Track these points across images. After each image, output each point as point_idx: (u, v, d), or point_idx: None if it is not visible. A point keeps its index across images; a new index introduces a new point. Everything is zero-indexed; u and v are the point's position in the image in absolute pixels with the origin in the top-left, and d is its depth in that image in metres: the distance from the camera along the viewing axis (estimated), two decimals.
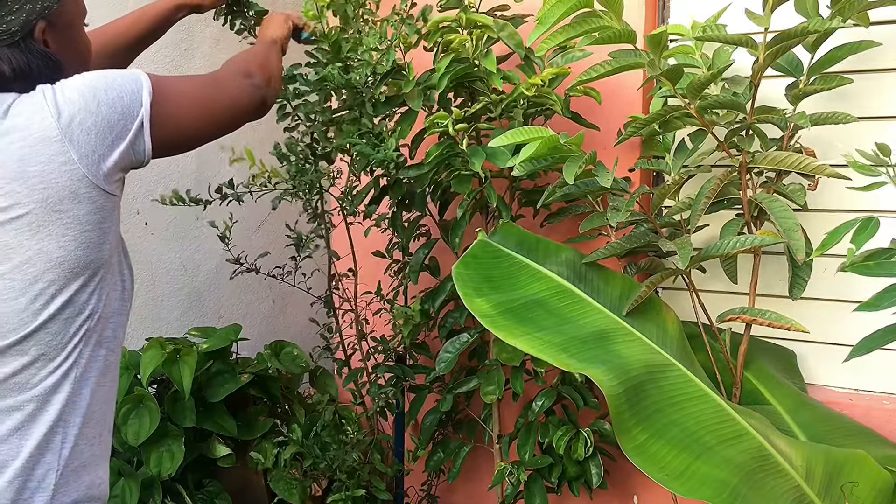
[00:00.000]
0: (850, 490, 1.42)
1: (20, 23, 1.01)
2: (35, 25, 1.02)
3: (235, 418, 2.14)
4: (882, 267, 1.29)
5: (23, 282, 0.96)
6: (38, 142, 0.96)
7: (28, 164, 0.95)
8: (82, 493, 1.04)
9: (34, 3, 1.02)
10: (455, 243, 2.05)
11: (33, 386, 0.99)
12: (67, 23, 1.08)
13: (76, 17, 1.11)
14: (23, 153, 0.95)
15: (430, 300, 2.17)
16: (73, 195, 0.97)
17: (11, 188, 0.95)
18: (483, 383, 2.06)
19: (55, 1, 1.04)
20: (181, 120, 1.11)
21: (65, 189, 0.96)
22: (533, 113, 1.96)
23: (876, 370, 1.91)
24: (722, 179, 1.66)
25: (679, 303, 1.95)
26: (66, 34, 1.08)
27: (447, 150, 1.89)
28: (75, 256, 0.98)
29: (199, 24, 2.36)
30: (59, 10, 1.05)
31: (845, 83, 1.69)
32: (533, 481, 2.07)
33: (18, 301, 0.96)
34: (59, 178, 0.96)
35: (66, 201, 0.96)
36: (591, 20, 1.52)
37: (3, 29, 1.00)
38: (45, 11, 1.03)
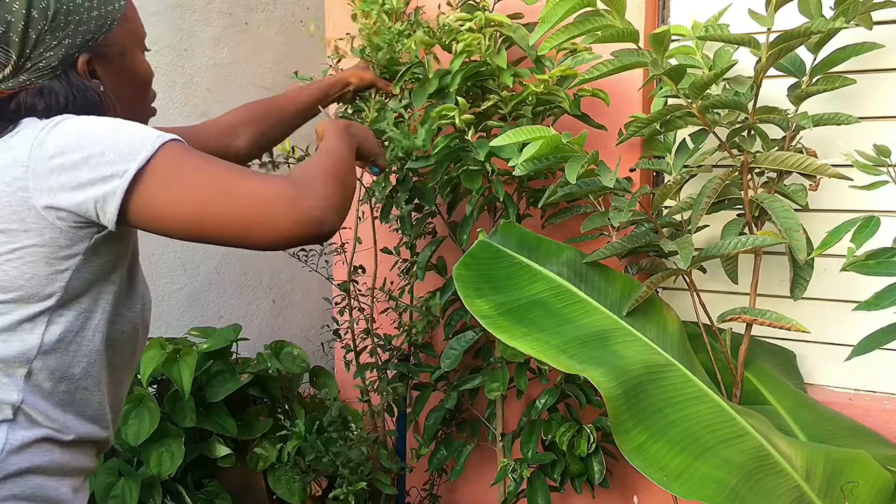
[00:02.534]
0: (850, 490, 1.42)
1: (59, 57, 1.00)
2: (77, 58, 1.01)
3: (235, 418, 2.13)
4: (883, 266, 1.29)
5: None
6: (13, 163, 0.95)
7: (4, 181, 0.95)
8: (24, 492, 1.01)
9: (74, 36, 1.00)
10: (462, 241, 2.06)
11: None
12: (118, 52, 1.06)
13: (131, 46, 1.09)
14: (5, 171, 0.95)
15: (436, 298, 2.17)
16: (21, 221, 0.94)
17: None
18: (487, 380, 2.07)
19: (101, 32, 1.03)
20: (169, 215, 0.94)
21: (16, 213, 0.94)
22: (542, 112, 1.97)
23: (876, 370, 1.91)
24: (723, 179, 1.66)
25: (680, 303, 1.95)
26: (118, 63, 1.07)
27: (455, 142, 1.90)
28: (20, 284, 0.96)
29: (199, 24, 2.36)
30: (107, 41, 1.04)
31: (848, 84, 1.69)
32: (536, 478, 2.08)
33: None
34: (12, 200, 0.94)
35: (13, 225, 0.94)
36: (594, 19, 1.52)
37: (43, 65, 0.99)
38: (89, 43, 1.02)
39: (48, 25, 0.98)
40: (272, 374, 2.29)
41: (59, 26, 0.99)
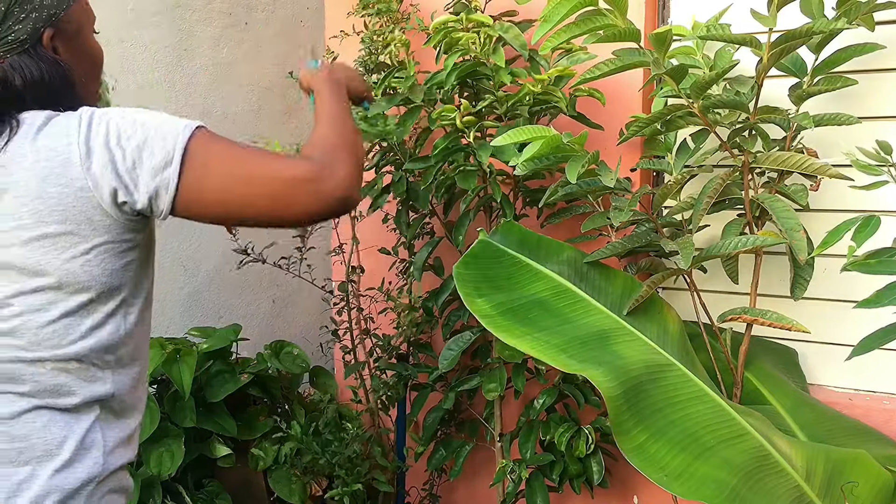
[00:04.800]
0: (851, 490, 1.42)
1: (28, 31, 1.01)
2: (43, 33, 1.02)
3: (235, 418, 2.13)
4: (884, 265, 1.29)
5: (54, 298, 0.97)
6: (60, 164, 0.95)
7: (49, 184, 0.95)
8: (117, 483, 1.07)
9: (40, 10, 1.02)
10: (459, 241, 2.06)
11: (74, 392, 1.00)
12: (76, 29, 1.08)
13: (85, 24, 1.10)
14: (46, 172, 0.95)
15: (433, 299, 2.17)
16: (89, 221, 0.96)
17: (35, 206, 0.95)
18: (485, 381, 2.07)
19: (62, 8, 1.04)
20: (211, 199, 1.00)
21: (81, 214, 0.96)
22: (538, 111, 1.97)
23: (876, 370, 1.91)
24: (724, 179, 1.66)
25: (680, 302, 1.95)
26: (76, 41, 1.08)
27: (453, 143, 1.90)
28: (103, 280, 0.99)
29: (199, 24, 2.36)
30: (67, 17, 1.05)
31: (850, 84, 1.69)
32: (534, 479, 2.08)
33: (50, 314, 0.97)
34: (74, 202, 0.95)
35: (83, 226, 0.96)
36: (595, 18, 1.52)
37: (13, 38, 1.00)
38: (53, 18, 1.03)
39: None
40: (272, 374, 2.29)
41: (25, 0, 1.01)
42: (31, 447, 0.98)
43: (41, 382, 0.98)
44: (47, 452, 0.98)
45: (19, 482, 0.97)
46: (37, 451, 0.98)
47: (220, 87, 2.44)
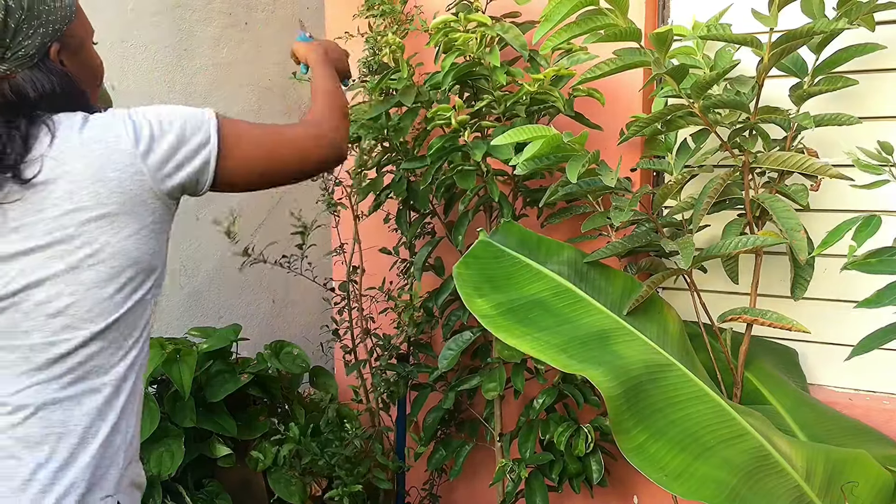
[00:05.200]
0: (851, 490, 1.42)
1: (36, 45, 1.07)
2: (50, 47, 1.09)
3: (235, 418, 2.13)
4: (884, 265, 1.29)
5: (108, 274, 1.05)
6: (114, 151, 1.06)
7: (107, 169, 1.05)
8: (136, 477, 1.15)
9: (46, 26, 1.08)
10: (458, 241, 2.06)
11: (107, 371, 1.08)
12: (79, 43, 1.15)
13: (86, 37, 1.18)
14: (102, 160, 1.05)
15: (433, 298, 2.18)
16: (143, 203, 1.07)
17: (95, 188, 1.04)
18: (485, 381, 2.07)
19: (65, 23, 1.11)
20: (248, 164, 1.19)
21: (137, 197, 1.06)
22: (536, 111, 1.97)
23: (876, 370, 1.91)
24: (724, 179, 1.66)
25: (680, 302, 1.95)
26: (79, 54, 1.15)
27: (450, 142, 1.90)
28: (147, 259, 1.09)
29: (199, 24, 2.36)
30: (70, 32, 1.12)
31: (850, 84, 1.69)
32: (534, 478, 2.08)
33: (105, 290, 1.05)
34: (131, 185, 1.06)
35: (134, 207, 1.06)
36: (596, 18, 1.52)
37: (23, 53, 1.06)
38: (57, 33, 1.10)
39: (24, 15, 1.05)
40: (272, 374, 2.29)
41: (33, 16, 1.07)
42: (69, 433, 1.04)
43: (83, 362, 1.05)
44: (83, 439, 1.05)
45: (56, 469, 1.03)
46: (73, 438, 1.04)
47: (220, 87, 2.44)
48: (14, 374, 1.03)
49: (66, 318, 1.03)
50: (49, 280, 1.02)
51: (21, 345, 1.03)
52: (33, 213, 1.02)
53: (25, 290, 1.02)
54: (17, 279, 1.02)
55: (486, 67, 1.89)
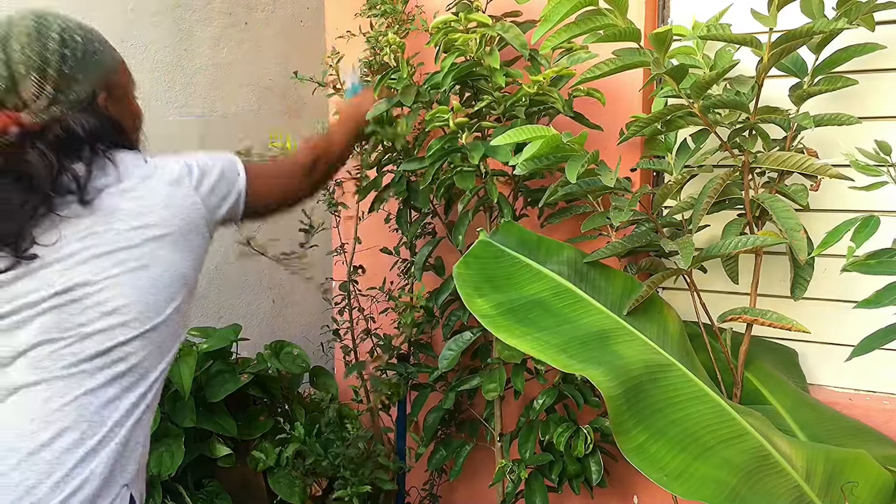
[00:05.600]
0: (851, 490, 1.42)
1: (87, 91, 1.20)
2: (98, 94, 1.23)
3: (235, 418, 2.13)
4: (883, 265, 1.29)
5: (162, 283, 1.19)
6: (175, 183, 1.24)
7: (172, 197, 1.23)
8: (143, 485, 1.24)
9: (98, 74, 1.22)
10: (458, 241, 2.06)
11: (145, 374, 1.18)
12: (123, 93, 1.30)
13: (129, 88, 1.34)
14: (167, 190, 1.23)
15: (433, 298, 2.17)
16: (197, 228, 1.25)
17: (161, 213, 1.20)
18: (485, 381, 2.07)
19: (112, 73, 1.26)
20: (263, 199, 1.43)
21: (193, 223, 1.24)
22: (536, 112, 1.97)
23: (876, 370, 1.91)
24: (724, 179, 1.66)
25: (680, 302, 1.95)
26: (123, 102, 1.30)
27: (449, 144, 1.90)
28: (193, 275, 1.26)
29: (199, 24, 2.36)
30: (116, 82, 1.28)
31: (850, 84, 1.69)
32: (533, 479, 2.08)
33: (158, 296, 1.18)
34: (190, 213, 1.24)
35: (192, 232, 1.24)
36: (595, 18, 1.52)
37: (74, 98, 1.19)
38: (107, 82, 1.25)
39: (77, 63, 1.19)
40: (272, 374, 2.29)
41: (86, 65, 1.21)
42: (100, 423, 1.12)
43: (124, 359, 1.15)
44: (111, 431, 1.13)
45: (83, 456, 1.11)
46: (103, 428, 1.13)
47: (220, 87, 2.44)
48: (62, 364, 1.11)
49: (120, 317, 1.14)
50: (109, 281, 1.14)
51: (74, 335, 1.12)
52: (102, 226, 1.15)
53: (85, 287, 1.12)
54: (80, 278, 1.12)
55: (485, 68, 1.89)
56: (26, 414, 1.09)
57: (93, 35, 1.24)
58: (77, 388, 1.11)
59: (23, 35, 1.16)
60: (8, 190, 1.12)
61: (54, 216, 1.14)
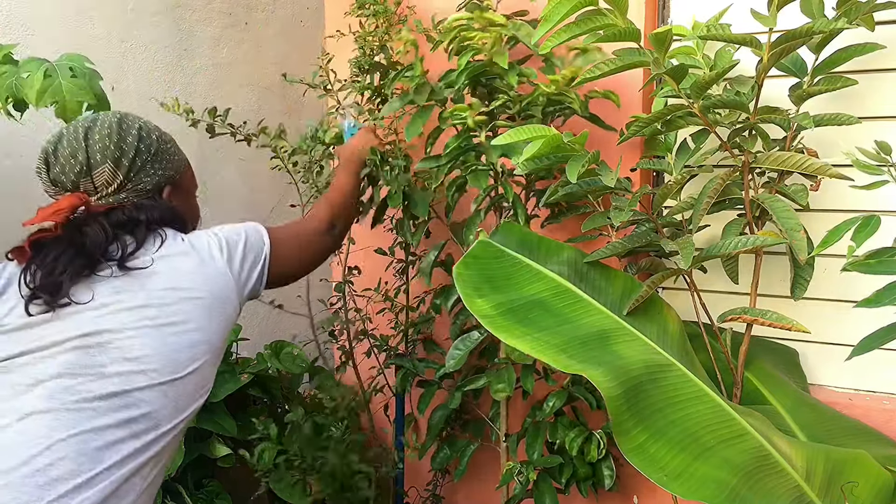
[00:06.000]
0: (851, 490, 1.42)
1: (154, 183, 1.34)
2: (164, 188, 1.36)
3: (235, 418, 2.13)
4: (884, 265, 1.29)
5: (187, 342, 1.24)
6: (209, 257, 1.32)
7: (206, 266, 1.30)
8: None
9: (166, 170, 1.36)
10: (468, 240, 2.04)
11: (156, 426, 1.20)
12: (186, 190, 1.44)
13: (192, 187, 1.47)
14: (202, 260, 1.31)
15: (443, 298, 2.17)
16: (227, 298, 1.32)
17: (193, 278, 1.28)
18: (493, 381, 2.06)
19: (179, 171, 1.40)
20: (287, 262, 1.50)
21: (223, 292, 1.31)
22: (552, 112, 1.96)
23: (876, 370, 1.91)
24: (724, 179, 1.66)
25: (680, 302, 1.95)
26: (185, 198, 1.43)
27: (465, 142, 1.89)
28: (219, 342, 1.30)
29: (199, 24, 2.36)
30: (181, 179, 1.41)
31: (850, 84, 1.69)
32: (542, 481, 2.07)
33: (181, 354, 1.23)
34: (221, 283, 1.31)
35: (221, 300, 1.30)
36: (595, 18, 1.52)
37: (141, 187, 1.32)
38: (172, 178, 1.38)
39: (150, 157, 1.33)
40: (272, 375, 2.29)
41: (157, 160, 1.34)
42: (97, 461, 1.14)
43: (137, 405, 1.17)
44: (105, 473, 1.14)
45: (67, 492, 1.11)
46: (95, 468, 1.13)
47: (220, 87, 2.44)
48: (75, 398, 1.15)
49: (140, 365, 1.18)
50: (135, 332, 1.19)
51: (94, 373, 1.16)
52: (138, 286, 1.23)
53: (112, 333, 1.18)
54: (109, 325, 1.18)
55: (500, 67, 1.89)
56: (30, 438, 1.11)
57: (166, 137, 1.39)
58: (84, 423, 1.13)
59: (105, 127, 1.29)
60: (59, 251, 1.21)
61: (93, 276, 1.22)
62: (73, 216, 1.24)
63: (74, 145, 1.27)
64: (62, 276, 1.19)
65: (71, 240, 1.23)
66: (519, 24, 1.90)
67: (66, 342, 1.17)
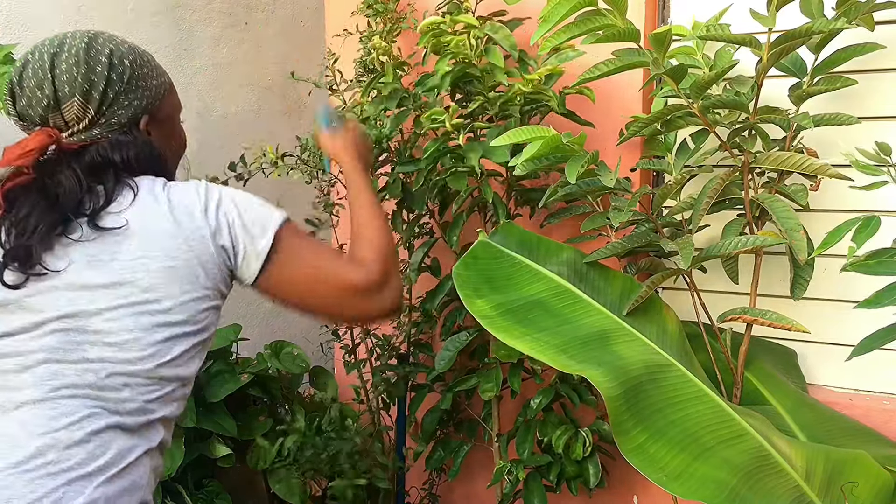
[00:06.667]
0: (850, 490, 1.42)
1: (129, 116, 1.18)
2: (140, 118, 1.20)
3: (235, 418, 2.13)
4: (884, 265, 1.29)
5: (164, 322, 1.12)
6: (186, 214, 1.14)
7: (178, 228, 1.13)
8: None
9: (141, 99, 1.20)
10: (453, 242, 2.06)
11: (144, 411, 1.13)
12: (167, 117, 1.27)
13: (174, 114, 1.30)
14: (179, 218, 1.13)
15: (430, 299, 2.17)
16: (203, 265, 1.14)
17: (164, 243, 1.12)
18: (482, 381, 2.07)
19: (157, 98, 1.23)
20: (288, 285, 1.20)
21: (199, 256, 1.13)
22: (529, 111, 1.97)
23: (876, 370, 1.91)
24: (724, 179, 1.66)
25: (680, 303, 1.95)
26: (166, 127, 1.27)
27: (444, 145, 1.90)
28: (200, 318, 1.15)
29: (199, 24, 2.36)
30: (161, 106, 1.24)
31: (850, 84, 1.69)
32: (532, 479, 2.07)
33: (157, 335, 1.12)
34: (196, 244, 1.13)
35: (198, 268, 1.13)
36: (595, 18, 1.52)
37: (115, 121, 1.17)
38: (149, 107, 1.21)
39: (123, 87, 1.17)
40: (272, 375, 2.29)
41: (131, 89, 1.18)
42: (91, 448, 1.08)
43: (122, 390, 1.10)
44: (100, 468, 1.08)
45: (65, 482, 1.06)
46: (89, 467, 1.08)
47: (220, 87, 2.44)
48: (65, 384, 1.09)
49: (122, 351, 1.10)
50: (112, 312, 1.10)
51: (77, 358, 1.10)
52: (109, 255, 1.11)
53: (90, 316, 1.10)
54: (84, 305, 1.10)
55: (478, 69, 1.89)
56: (30, 429, 1.08)
57: (143, 59, 1.22)
58: (81, 409, 1.09)
59: (72, 55, 1.15)
60: (31, 205, 1.11)
61: (64, 238, 1.12)
62: (43, 157, 1.14)
63: (40, 75, 1.14)
64: (33, 236, 1.10)
65: (43, 189, 1.12)
66: (496, 27, 1.90)
67: (45, 324, 1.10)
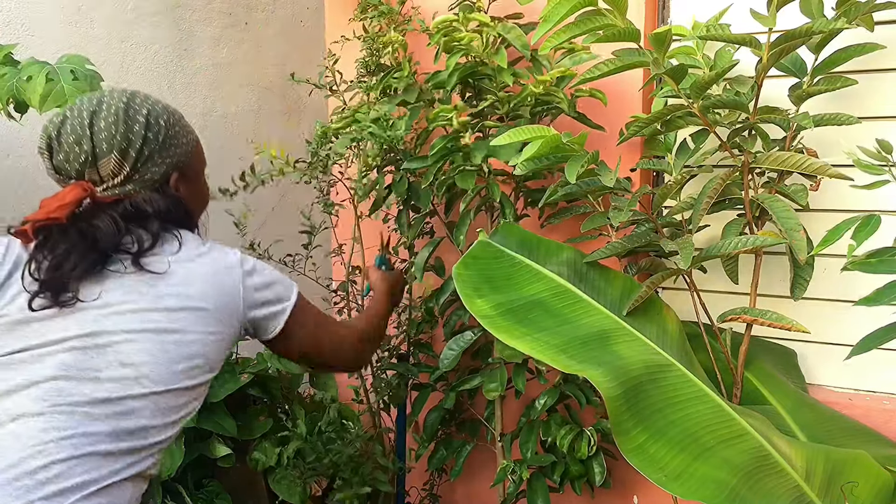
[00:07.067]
0: (850, 490, 1.42)
1: (161, 173, 1.26)
2: (171, 175, 1.28)
3: (235, 418, 2.13)
4: (884, 264, 1.29)
5: (184, 353, 1.20)
6: (225, 268, 1.27)
7: (218, 278, 1.25)
8: None
9: (173, 158, 1.28)
10: (460, 241, 2.06)
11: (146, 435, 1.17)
12: (195, 174, 1.35)
13: (201, 170, 1.39)
14: (217, 268, 1.26)
15: (434, 298, 2.17)
16: (231, 315, 1.26)
17: (204, 287, 1.23)
18: (485, 381, 2.07)
19: (187, 156, 1.31)
20: (304, 335, 1.39)
21: (230, 309, 1.25)
22: (540, 112, 1.97)
23: (876, 370, 1.91)
24: (724, 179, 1.66)
25: (680, 303, 1.95)
26: (194, 183, 1.35)
27: (451, 143, 1.90)
28: (215, 358, 1.25)
29: (199, 24, 2.36)
30: (189, 163, 1.32)
31: (850, 84, 1.69)
32: (535, 479, 2.08)
33: (176, 366, 1.19)
34: (231, 297, 1.26)
35: (227, 317, 1.25)
36: (595, 18, 1.52)
37: (148, 178, 1.25)
38: (179, 165, 1.29)
39: (158, 146, 1.25)
40: (272, 375, 2.29)
41: (164, 147, 1.26)
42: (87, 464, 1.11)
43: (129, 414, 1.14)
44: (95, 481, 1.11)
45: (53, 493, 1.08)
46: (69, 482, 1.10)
47: (220, 87, 2.44)
48: (69, 401, 1.12)
49: (135, 371, 1.15)
50: (137, 335, 1.16)
51: (88, 377, 1.13)
52: (147, 287, 1.19)
53: (111, 335, 1.15)
54: (110, 326, 1.15)
55: (490, 67, 1.89)
56: (22, 441, 1.09)
57: (174, 118, 1.30)
58: (76, 427, 1.11)
59: (111, 114, 1.22)
60: (70, 244, 1.17)
61: (104, 271, 1.18)
62: (78, 210, 1.20)
63: (79, 132, 1.20)
64: (71, 273, 1.15)
65: (81, 233, 1.18)
66: (510, 27, 1.90)
67: (65, 341, 1.14)
